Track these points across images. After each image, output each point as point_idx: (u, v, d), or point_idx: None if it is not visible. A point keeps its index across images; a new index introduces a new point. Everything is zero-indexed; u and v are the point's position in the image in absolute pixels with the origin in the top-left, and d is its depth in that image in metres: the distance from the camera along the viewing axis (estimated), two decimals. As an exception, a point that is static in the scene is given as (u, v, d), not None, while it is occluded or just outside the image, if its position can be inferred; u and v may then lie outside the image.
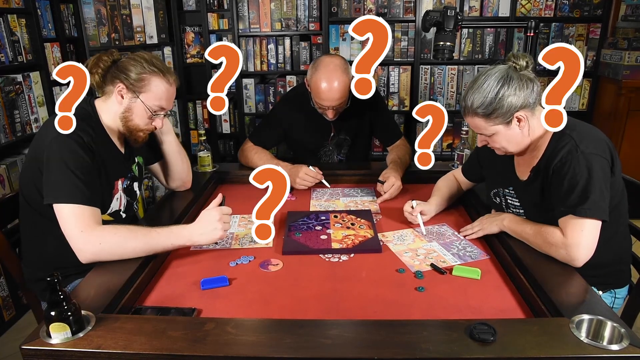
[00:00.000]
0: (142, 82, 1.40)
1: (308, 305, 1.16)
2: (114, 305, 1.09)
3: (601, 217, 1.21)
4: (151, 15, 3.21)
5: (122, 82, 1.40)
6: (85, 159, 1.32)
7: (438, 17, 1.80)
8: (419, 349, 0.91)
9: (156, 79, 1.42)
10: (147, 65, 1.41)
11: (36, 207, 1.40)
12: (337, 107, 1.92)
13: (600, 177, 1.22)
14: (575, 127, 1.30)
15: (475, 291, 1.20)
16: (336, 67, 1.86)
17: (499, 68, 1.29)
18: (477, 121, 1.32)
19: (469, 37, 3.32)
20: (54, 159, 1.29)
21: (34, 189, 1.37)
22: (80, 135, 1.32)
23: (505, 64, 1.30)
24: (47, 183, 1.29)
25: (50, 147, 1.30)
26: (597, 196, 1.21)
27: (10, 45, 2.35)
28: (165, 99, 1.45)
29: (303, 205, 1.77)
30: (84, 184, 1.28)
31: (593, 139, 1.27)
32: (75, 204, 1.26)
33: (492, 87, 1.26)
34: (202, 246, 1.44)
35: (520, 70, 1.27)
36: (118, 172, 1.50)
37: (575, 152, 1.24)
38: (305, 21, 3.31)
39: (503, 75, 1.27)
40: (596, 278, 1.37)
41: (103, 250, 1.24)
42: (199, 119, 3.61)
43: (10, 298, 2.36)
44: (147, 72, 1.41)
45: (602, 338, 0.95)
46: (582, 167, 1.23)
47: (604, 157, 1.25)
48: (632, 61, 3.11)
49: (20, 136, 2.41)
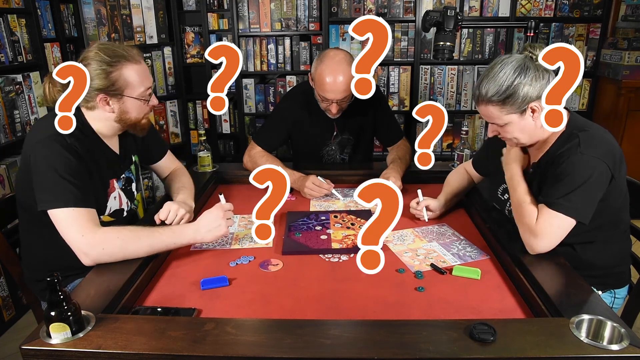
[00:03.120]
0: (117, 82, 1.35)
1: (308, 305, 1.16)
2: (114, 306, 1.09)
3: (575, 217, 1.21)
4: (151, 15, 3.21)
5: (99, 92, 1.34)
6: (72, 160, 1.30)
7: (438, 17, 1.80)
8: (419, 349, 0.91)
9: (126, 69, 1.36)
10: (109, 62, 1.33)
11: (31, 211, 1.38)
12: (340, 102, 1.89)
13: (591, 181, 1.21)
14: (586, 128, 1.28)
15: (475, 291, 1.20)
16: (342, 59, 1.83)
17: (516, 57, 1.28)
18: (490, 110, 1.30)
19: (469, 37, 3.32)
20: (41, 165, 1.28)
21: (28, 193, 1.35)
22: (63, 138, 1.30)
23: (522, 54, 1.28)
24: (38, 189, 1.28)
25: (34, 151, 1.29)
26: (578, 197, 1.20)
27: (10, 45, 2.35)
28: (144, 79, 1.40)
29: (303, 205, 1.77)
30: (75, 186, 1.27)
31: (599, 142, 1.26)
32: (69, 208, 1.25)
33: (509, 76, 1.25)
34: (202, 246, 1.44)
35: (537, 60, 1.24)
36: (112, 172, 1.48)
37: (574, 151, 1.24)
38: (305, 21, 3.31)
39: (520, 64, 1.25)
40: (595, 279, 1.37)
41: (106, 254, 1.24)
42: (199, 119, 3.61)
43: (10, 298, 2.36)
44: (114, 69, 1.34)
45: (602, 338, 0.94)
46: (576, 166, 1.22)
47: (604, 161, 1.23)
48: (632, 61, 3.11)
49: (20, 136, 2.41)
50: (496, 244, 1.40)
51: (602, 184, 1.24)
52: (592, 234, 1.32)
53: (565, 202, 1.21)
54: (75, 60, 1.32)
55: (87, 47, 1.40)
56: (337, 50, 1.91)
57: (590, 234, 1.31)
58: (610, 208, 1.31)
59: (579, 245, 1.34)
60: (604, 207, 1.28)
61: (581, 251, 1.35)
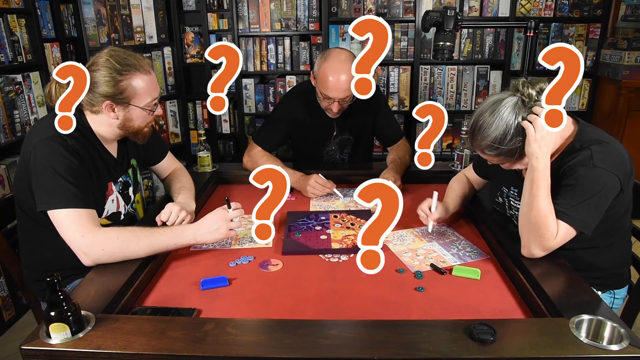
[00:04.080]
0: (126, 91, 1.35)
1: (308, 305, 1.16)
2: (114, 306, 1.09)
3: (580, 229, 1.20)
4: (151, 16, 3.21)
5: (106, 99, 1.34)
6: (73, 161, 1.29)
7: (438, 17, 1.80)
8: (419, 349, 0.91)
9: (135, 79, 1.36)
10: (119, 70, 1.33)
11: (29, 212, 1.38)
12: (342, 101, 1.88)
13: (601, 195, 1.20)
14: (600, 140, 1.26)
15: (475, 291, 1.20)
16: (346, 58, 1.82)
17: (507, 103, 1.23)
18: (489, 157, 1.30)
19: (469, 37, 3.31)
20: (41, 165, 1.27)
21: (26, 195, 1.35)
22: (64, 139, 1.30)
23: (514, 96, 1.24)
24: (38, 190, 1.27)
25: (34, 152, 1.29)
26: (586, 209, 1.20)
27: (10, 45, 2.35)
28: (152, 90, 1.41)
29: (303, 205, 1.77)
30: (75, 186, 1.27)
31: (611, 155, 1.24)
32: (69, 209, 1.25)
33: (501, 130, 1.22)
34: (202, 246, 1.44)
35: (530, 101, 1.22)
36: (110, 175, 1.48)
37: (587, 162, 1.22)
38: (305, 21, 3.31)
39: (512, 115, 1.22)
40: (595, 279, 1.37)
41: (106, 255, 1.24)
42: (199, 119, 3.61)
43: (10, 298, 2.37)
44: (123, 78, 1.33)
45: (601, 338, 0.94)
46: (588, 178, 1.21)
47: (617, 175, 1.22)
48: (632, 61, 3.12)
49: (20, 136, 2.41)
50: (496, 244, 1.40)
51: (610, 198, 1.23)
52: (593, 240, 1.31)
53: (573, 213, 1.20)
54: (76, 61, 1.31)
55: (98, 53, 1.38)
56: (341, 49, 1.90)
57: (591, 240, 1.30)
58: (612, 216, 1.30)
59: (580, 249, 1.34)
60: (608, 216, 1.27)
61: (582, 255, 1.35)
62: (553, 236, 1.19)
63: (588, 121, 1.49)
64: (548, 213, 1.19)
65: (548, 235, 1.19)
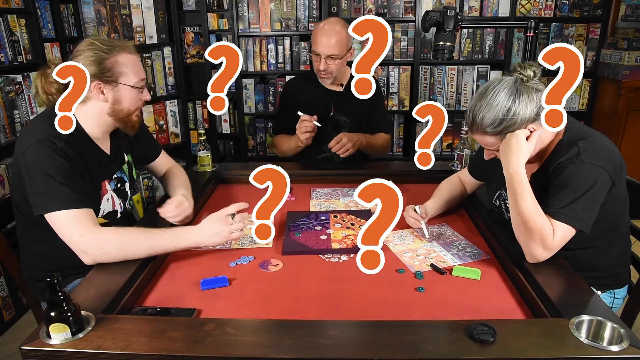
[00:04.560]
0: (112, 68, 1.36)
1: (308, 305, 1.16)
2: (114, 306, 1.09)
3: (578, 227, 1.20)
4: (151, 16, 3.21)
5: (94, 79, 1.33)
6: (64, 163, 1.29)
7: (438, 17, 1.80)
8: (419, 349, 0.91)
9: (122, 56, 1.37)
10: (103, 49, 1.34)
11: (26, 214, 1.38)
12: (329, 59, 2.01)
13: (593, 190, 1.20)
14: (585, 136, 1.27)
15: (475, 291, 1.20)
16: (336, 20, 2.04)
17: (507, 82, 1.26)
18: (487, 139, 1.30)
19: (469, 37, 3.31)
20: (33, 169, 1.27)
21: (22, 197, 1.35)
22: (52, 142, 1.29)
23: (512, 76, 1.27)
24: (33, 194, 1.27)
25: (24, 157, 1.28)
26: (581, 206, 1.19)
27: (10, 45, 2.35)
28: (139, 70, 1.41)
29: (303, 205, 1.77)
30: (69, 188, 1.26)
31: (599, 150, 1.25)
32: (66, 210, 1.24)
33: (503, 104, 1.24)
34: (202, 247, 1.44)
35: (528, 81, 1.25)
36: (104, 174, 1.47)
37: (575, 159, 1.23)
38: (305, 21, 3.31)
39: (512, 91, 1.24)
40: (595, 279, 1.37)
41: (105, 255, 1.24)
42: (199, 119, 3.61)
43: (10, 298, 2.36)
44: (109, 56, 1.35)
45: (602, 339, 0.94)
46: (577, 175, 1.21)
47: (605, 169, 1.22)
48: (632, 61, 3.11)
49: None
50: (496, 244, 1.40)
51: (603, 192, 1.23)
52: (592, 240, 1.31)
53: (569, 212, 1.19)
54: (72, 60, 1.31)
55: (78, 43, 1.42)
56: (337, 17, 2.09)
57: (590, 240, 1.30)
58: (609, 214, 1.30)
59: (579, 250, 1.34)
60: (604, 214, 1.27)
61: (581, 255, 1.34)
62: (550, 235, 1.18)
63: (588, 121, 1.50)
64: (534, 214, 1.19)
65: (544, 234, 1.18)
